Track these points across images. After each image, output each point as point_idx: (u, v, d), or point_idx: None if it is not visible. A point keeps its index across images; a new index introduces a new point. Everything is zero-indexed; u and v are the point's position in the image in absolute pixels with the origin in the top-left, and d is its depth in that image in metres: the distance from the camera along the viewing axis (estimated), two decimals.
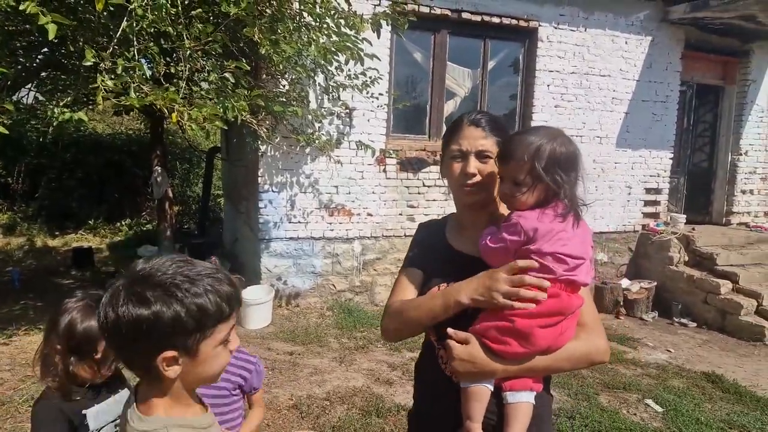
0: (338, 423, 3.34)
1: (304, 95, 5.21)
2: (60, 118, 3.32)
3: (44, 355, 1.50)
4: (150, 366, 0.92)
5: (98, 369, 1.52)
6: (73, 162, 10.81)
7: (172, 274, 0.92)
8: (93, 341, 1.48)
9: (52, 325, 1.51)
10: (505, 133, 1.44)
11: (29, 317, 5.27)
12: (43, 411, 1.50)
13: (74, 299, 1.54)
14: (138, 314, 0.88)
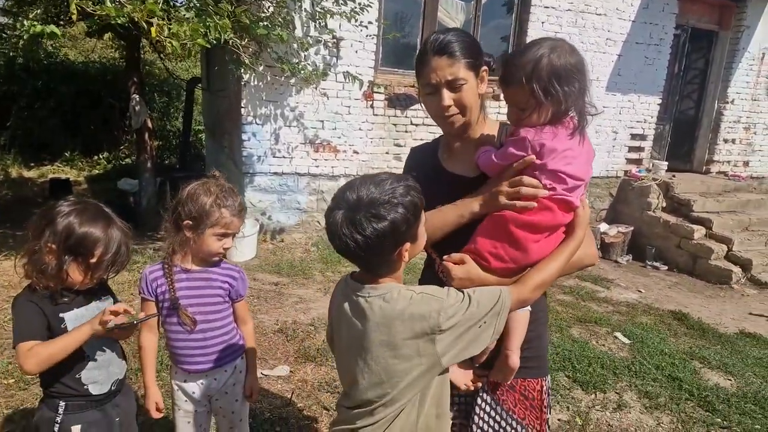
0: (323, 345, 3.44)
1: (289, 20, 4.97)
2: (31, 31, 3.11)
3: (33, 253, 1.48)
4: (390, 259, 1.19)
5: (91, 274, 1.52)
6: (45, 90, 10.33)
7: (377, 191, 1.14)
8: (91, 244, 1.48)
9: (44, 226, 1.48)
10: (474, 47, 1.38)
11: (8, 244, 5.20)
12: (23, 305, 1.50)
13: (67, 203, 1.52)
14: (382, 227, 1.12)
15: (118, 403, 1.71)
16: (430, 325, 1.15)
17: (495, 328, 1.22)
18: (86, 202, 1.57)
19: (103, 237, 1.50)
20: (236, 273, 1.87)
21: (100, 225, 1.51)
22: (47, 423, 1.58)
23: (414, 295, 1.18)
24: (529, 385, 1.51)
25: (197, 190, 1.74)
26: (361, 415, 1.25)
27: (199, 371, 1.83)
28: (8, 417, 2.55)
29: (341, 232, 1.14)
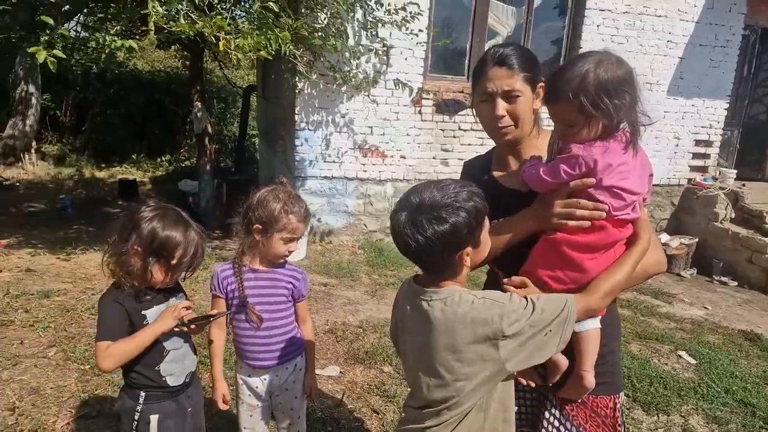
0: (371, 348, 3.53)
1: (342, 30, 5.13)
2: (112, 46, 3.40)
3: (121, 256, 1.63)
4: (451, 262, 1.22)
5: (171, 274, 1.67)
6: (116, 98, 11.09)
7: (440, 195, 1.18)
8: (172, 247, 1.62)
9: (130, 230, 1.62)
10: (534, 64, 1.39)
11: (83, 239, 5.64)
12: (109, 305, 1.65)
13: (149, 209, 1.65)
14: (442, 229, 1.15)
15: (190, 395, 1.83)
16: (493, 330, 1.15)
17: (561, 336, 1.20)
18: (165, 207, 1.70)
19: (183, 240, 1.63)
20: (299, 274, 1.97)
21: (180, 229, 1.64)
22: (129, 412, 1.70)
23: (476, 300, 1.19)
24: (601, 402, 1.47)
25: (267, 197, 1.84)
26: (428, 415, 1.27)
27: (262, 367, 1.94)
28: (84, 401, 2.79)
29: (404, 232, 1.19)
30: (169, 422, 1.74)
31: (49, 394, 2.81)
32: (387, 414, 2.88)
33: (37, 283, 4.22)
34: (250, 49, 3.46)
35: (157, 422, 1.71)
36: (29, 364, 3.07)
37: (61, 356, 3.18)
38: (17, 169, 9.88)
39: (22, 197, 8.19)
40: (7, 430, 2.49)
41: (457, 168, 6.28)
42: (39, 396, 2.79)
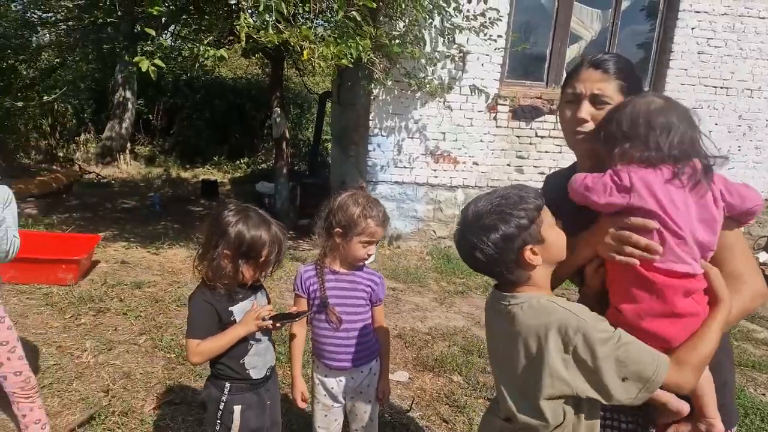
0: (440, 356, 3.49)
1: (420, 37, 5.15)
2: (205, 55, 3.62)
3: (212, 260, 1.72)
4: (515, 266, 1.17)
5: (260, 271, 1.75)
6: (202, 103, 11.83)
7: (484, 204, 1.18)
8: (260, 247, 1.70)
9: (219, 237, 1.71)
10: (633, 76, 1.30)
11: (170, 235, 6.03)
12: (199, 304, 1.75)
13: (231, 212, 1.73)
14: (492, 237, 1.14)
15: (269, 388, 1.90)
16: (564, 341, 1.08)
17: (637, 394, 1.07)
18: (246, 208, 1.77)
19: (268, 239, 1.71)
20: (377, 278, 2.00)
21: (264, 228, 1.71)
22: (214, 401, 1.80)
23: (555, 307, 1.13)
24: None
25: (347, 201, 1.88)
26: (508, 429, 1.24)
27: (339, 368, 1.97)
28: (169, 388, 2.97)
29: (459, 249, 1.20)
30: (251, 413, 1.81)
31: (138, 379, 3.02)
32: (457, 424, 2.83)
33: (131, 275, 4.57)
34: (332, 58, 3.56)
35: (240, 412, 1.79)
36: (122, 350, 3.32)
37: (149, 344, 3.41)
38: (113, 168, 10.78)
39: (117, 194, 8.92)
40: (102, 410, 2.70)
41: (533, 176, 6.12)
42: (129, 380, 3.00)
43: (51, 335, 3.38)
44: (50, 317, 3.62)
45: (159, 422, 2.66)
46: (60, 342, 3.31)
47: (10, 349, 2.13)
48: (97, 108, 11.66)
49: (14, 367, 2.15)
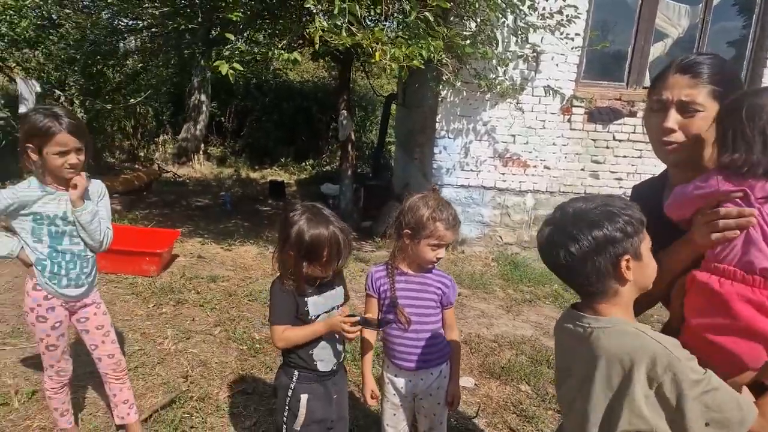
0: (507, 365, 3.39)
1: (492, 36, 5.05)
2: (280, 59, 3.73)
3: (282, 260, 1.80)
4: (608, 274, 1.10)
5: (324, 268, 1.77)
6: (271, 106, 12.26)
7: (585, 206, 1.11)
8: (319, 246, 1.71)
9: (285, 238, 1.77)
10: (729, 79, 1.19)
11: (241, 232, 6.27)
12: (279, 293, 1.82)
13: (297, 212, 1.77)
14: (587, 242, 1.07)
15: (336, 382, 1.94)
16: (650, 378, 1.01)
17: None
18: (309, 208, 1.79)
19: (326, 238, 1.72)
20: (448, 281, 1.98)
21: (323, 228, 1.73)
22: (284, 387, 1.87)
23: (643, 336, 1.05)
24: None
25: (417, 203, 1.88)
26: None
27: (408, 369, 1.97)
28: (242, 377, 3.07)
29: (553, 242, 1.13)
30: (317, 403, 1.86)
31: (214, 368, 3.15)
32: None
33: (206, 269, 4.78)
34: (403, 59, 3.55)
35: (307, 401, 1.84)
36: (199, 339, 3.47)
37: (224, 335, 3.55)
38: (188, 168, 11.38)
39: (191, 192, 9.40)
40: (182, 394, 2.83)
41: (608, 181, 5.83)
42: (206, 368, 3.14)
43: (136, 322, 3.59)
44: (135, 305, 3.85)
45: (233, 410, 2.76)
46: (144, 329, 3.52)
47: (105, 333, 2.28)
48: (175, 110, 12.37)
49: (108, 350, 2.30)
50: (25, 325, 3.42)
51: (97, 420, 2.61)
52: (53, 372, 2.21)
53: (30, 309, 2.08)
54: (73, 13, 5.81)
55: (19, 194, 1.94)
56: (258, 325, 3.74)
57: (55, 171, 1.94)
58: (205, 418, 2.67)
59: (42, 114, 1.89)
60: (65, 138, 1.89)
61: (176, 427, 2.57)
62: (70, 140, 1.90)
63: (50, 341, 2.13)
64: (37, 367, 2.94)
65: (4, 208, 1.93)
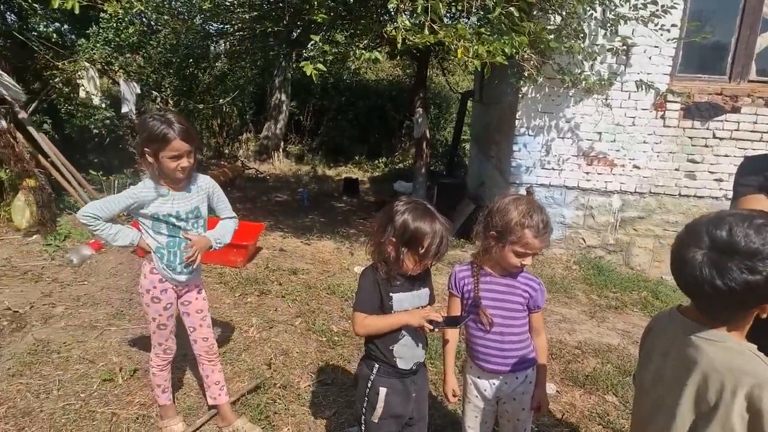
0: (592, 373, 3.24)
1: (579, 30, 4.82)
2: (362, 58, 3.79)
3: (379, 245, 1.82)
4: (744, 313, 1.09)
5: (420, 261, 1.78)
6: (347, 105, 12.52)
7: (758, 241, 1.02)
8: (422, 237, 1.73)
9: (387, 223, 1.79)
10: None
11: (317, 227, 6.47)
12: (369, 281, 1.85)
13: (402, 203, 1.80)
14: (755, 282, 1.01)
15: (415, 381, 1.94)
16: (752, 401, 0.98)
17: None
18: (416, 201, 1.82)
19: (430, 231, 1.72)
20: (536, 284, 1.91)
21: (428, 220, 1.74)
22: (364, 378, 1.91)
23: (756, 360, 1.04)
24: None
25: (508, 206, 1.81)
26: None
27: (492, 371, 1.93)
28: (321, 368, 3.17)
29: (699, 273, 1.05)
30: (396, 398, 1.87)
31: (295, 357, 3.27)
32: None
33: (287, 261, 4.98)
34: (486, 56, 3.48)
35: (385, 395, 1.85)
36: (281, 329, 3.62)
37: (304, 326, 3.67)
38: (268, 165, 11.90)
39: (271, 188, 9.82)
40: (267, 381, 2.96)
41: (707, 182, 5.41)
42: (288, 357, 3.26)
43: (224, 310, 3.81)
44: (223, 294, 4.08)
45: (314, 399, 2.85)
46: (231, 316, 3.72)
47: (203, 317, 2.44)
48: (257, 110, 12.97)
49: (203, 333, 2.46)
50: (128, 308, 3.75)
51: (191, 399, 2.79)
52: (161, 350, 2.40)
53: (146, 290, 2.28)
54: (170, 19, 6.24)
55: (138, 195, 2.13)
56: (336, 318, 3.83)
57: (168, 173, 2.11)
58: (288, 405, 2.77)
59: (158, 121, 2.05)
60: (179, 144, 2.05)
61: (261, 411, 2.69)
62: (182, 146, 2.06)
63: (161, 320, 2.32)
64: (138, 347, 3.22)
65: (126, 207, 2.13)
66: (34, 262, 4.51)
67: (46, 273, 4.30)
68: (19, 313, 3.56)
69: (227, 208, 2.43)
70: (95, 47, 6.70)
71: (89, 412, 2.59)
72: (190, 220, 2.26)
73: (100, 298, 3.89)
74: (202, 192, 2.29)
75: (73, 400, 2.66)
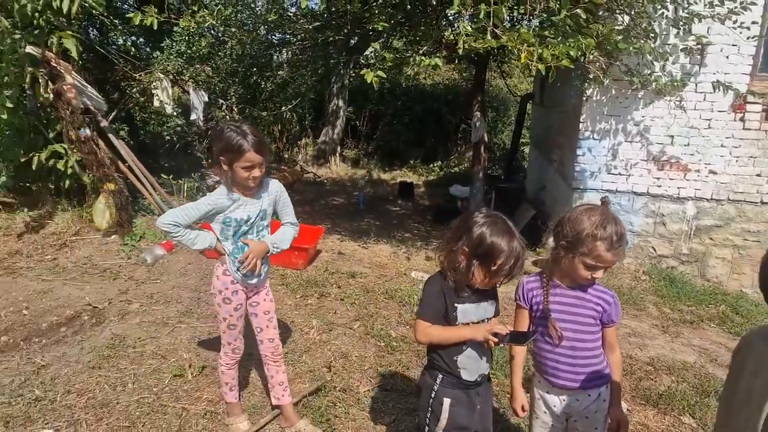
0: (666, 392, 3.06)
1: (649, 30, 4.60)
2: (422, 64, 3.80)
3: (450, 253, 1.79)
4: None
5: (490, 278, 1.74)
6: (403, 109, 12.57)
7: None
8: (497, 254, 1.68)
9: (463, 232, 1.75)
10: None
11: (374, 231, 6.51)
12: (434, 290, 1.82)
13: (481, 215, 1.76)
14: None
15: (480, 393, 1.90)
16: None
17: None
18: (496, 215, 1.76)
19: (507, 249, 1.67)
20: (610, 297, 1.83)
21: (506, 239, 1.68)
22: (427, 388, 1.88)
23: None
24: None
25: (580, 216, 1.75)
26: None
27: (562, 387, 1.86)
28: (380, 374, 3.18)
29: None
30: (460, 409, 1.83)
31: (354, 361, 3.30)
32: None
33: (346, 265, 5.05)
34: (551, 59, 3.39)
35: (449, 406, 1.82)
36: (340, 332, 3.67)
37: (362, 330, 3.71)
38: (325, 169, 12.13)
39: (328, 192, 9.99)
40: (327, 384, 3.01)
41: None
42: (347, 361, 3.30)
43: (285, 311, 3.91)
44: (285, 296, 4.19)
45: (373, 404, 2.86)
46: (292, 318, 3.81)
47: (269, 318, 2.52)
48: (315, 116, 13.27)
49: (270, 334, 2.53)
50: (196, 306, 3.93)
51: (255, 398, 2.88)
52: (229, 349, 2.50)
53: (218, 291, 2.38)
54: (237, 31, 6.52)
55: (216, 202, 2.24)
56: (394, 323, 3.84)
57: (241, 182, 2.21)
58: (348, 409, 2.80)
59: (234, 132, 2.14)
60: (252, 156, 2.13)
61: (322, 414, 2.74)
62: (256, 158, 2.14)
63: (231, 321, 2.42)
64: (206, 345, 3.36)
65: (204, 213, 2.24)
66: (112, 260, 4.83)
67: (122, 271, 4.59)
68: (98, 308, 3.82)
69: (290, 214, 2.50)
70: (169, 59, 7.10)
71: (161, 405, 2.73)
72: (257, 223, 2.34)
73: (171, 296, 4.10)
74: (271, 196, 2.37)
75: (146, 394, 2.81)
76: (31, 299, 3.91)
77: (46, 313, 3.72)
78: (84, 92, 5.46)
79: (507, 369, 2.77)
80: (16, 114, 5.34)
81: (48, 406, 2.65)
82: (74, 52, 4.84)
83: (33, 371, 2.94)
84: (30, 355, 3.14)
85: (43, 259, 4.74)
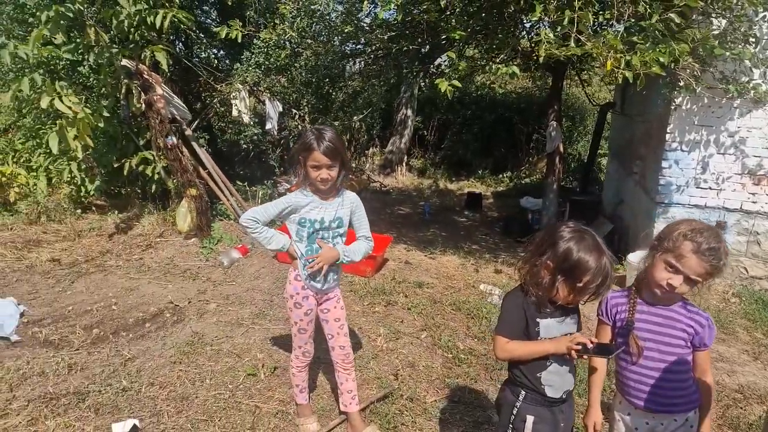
0: (757, 422, 2.78)
1: (749, 34, 4.25)
2: (498, 73, 3.73)
3: (534, 266, 1.72)
4: None
5: (574, 295, 1.66)
6: (472, 118, 12.41)
7: None
8: (583, 271, 1.60)
9: (548, 246, 1.68)
10: None
11: (439, 242, 6.44)
12: (513, 306, 1.77)
13: (568, 229, 1.67)
14: None
15: (563, 410, 1.82)
16: None
17: None
18: (585, 231, 1.67)
19: (595, 266, 1.59)
20: (704, 320, 1.71)
21: (594, 255, 1.60)
22: (509, 405, 1.82)
23: None
24: None
25: (682, 222, 1.69)
26: None
27: (645, 409, 1.76)
28: (448, 385, 3.12)
29: None
30: (544, 427, 1.76)
31: (421, 371, 3.27)
32: None
33: (413, 274, 5.03)
34: (640, 66, 3.21)
35: (532, 424, 1.75)
36: (407, 341, 3.65)
37: (430, 340, 3.67)
38: (392, 178, 12.21)
39: (394, 201, 10.04)
40: (394, 391, 3.00)
41: None
42: (414, 370, 3.28)
43: (353, 318, 3.95)
44: (353, 302, 4.24)
45: (440, 415, 2.82)
46: (360, 324, 3.84)
47: (340, 326, 2.55)
48: (383, 125, 13.41)
49: (341, 342, 2.56)
50: (269, 309, 4.06)
51: (323, 402, 2.92)
52: (300, 353, 2.56)
53: (290, 296, 2.44)
54: (312, 42, 6.73)
55: (292, 200, 2.31)
56: (462, 335, 3.77)
57: (312, 181, 2.26)
58: (415, 419, 2.78)
59: (312, 132, 2.22)
60: (319, 156, 2.19)
61: (389, 421, 2.73)
62: (323, 159, 2.19)
63: (302, 325, 2.48)
64: (279, 346, 3.46)
65: (280, 211, 2.32)
66: (191, 262, 5.11)
67: (201, 272, 4.85)
68: (179, 307, 4.04)
69: (365, 227, 2.50)
70: (248, 70, 7.46)
71: (236, 402, 2.84)
72: (332, 229, 2.37)
73: (246, 298, 4.27)
74: (346, 206, 2.40)
75: (222, 390, 2.94)
76: (119, 295, 4.21)
77: (132, 309, 3.99)
78: (171, 102, 5.84)
79: (581, 387, 2.64)
80: (111, 122, 5.81)
81: (134, 396, 2.83)
82: (165, 64, 5.21)
83: (120, 363, 3.16)
84: (118, 347, 3.37)
85: (130, 258, 5.10)
